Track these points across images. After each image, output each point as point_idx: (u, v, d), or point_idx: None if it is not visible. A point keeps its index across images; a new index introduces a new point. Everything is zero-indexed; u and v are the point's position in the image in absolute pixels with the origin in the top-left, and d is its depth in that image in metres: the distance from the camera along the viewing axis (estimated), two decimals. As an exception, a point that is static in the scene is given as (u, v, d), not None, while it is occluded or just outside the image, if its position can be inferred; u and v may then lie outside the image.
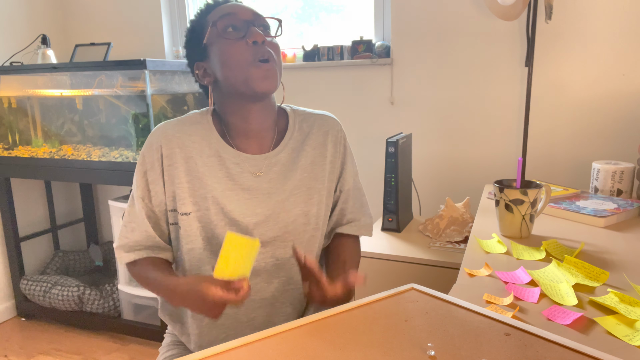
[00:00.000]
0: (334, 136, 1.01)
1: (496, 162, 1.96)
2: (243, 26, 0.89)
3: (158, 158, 0.92)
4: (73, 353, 2.14)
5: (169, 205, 0.93)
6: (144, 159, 0.93)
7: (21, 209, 2.49)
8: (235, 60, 0.88)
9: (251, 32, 0.88)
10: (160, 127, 0.94)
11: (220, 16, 0.90)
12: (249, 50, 0.87)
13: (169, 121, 0.96)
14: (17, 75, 2.27)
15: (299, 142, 0.98)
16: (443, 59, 1.96)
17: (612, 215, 1.19)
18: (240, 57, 0.87)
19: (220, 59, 0.89)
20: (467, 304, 0.73)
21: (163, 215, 0.95)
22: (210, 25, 0.91)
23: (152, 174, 0.92)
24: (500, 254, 1.01)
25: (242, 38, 0.88)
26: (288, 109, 1.03)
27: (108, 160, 2.04)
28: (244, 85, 0.88)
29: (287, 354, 0.62)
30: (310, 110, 1.04)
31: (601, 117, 1.78)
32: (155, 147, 0.92)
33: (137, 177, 0.94)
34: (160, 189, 0.92)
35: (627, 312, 0.73)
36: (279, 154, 0.96)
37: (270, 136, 0.97)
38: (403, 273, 1.48)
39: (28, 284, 2.34)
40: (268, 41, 0.90)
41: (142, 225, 0.94)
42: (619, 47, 1.71)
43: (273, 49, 0.90)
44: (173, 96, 2.21)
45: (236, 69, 0.88)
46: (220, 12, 0.91)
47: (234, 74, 0.88)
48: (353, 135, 2.17)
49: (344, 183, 1.02)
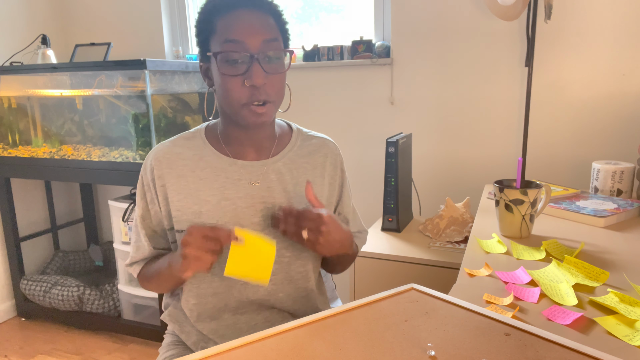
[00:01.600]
0: (333, 159, 1.01)
1: (496, 162, 1.96)
2: (246, 61, 0.83)
3: (152, 179, 0.93)
4: (73, 353, 2.14)
5: (167, 224, 0.94)
6: (141, 180, 0.96)
7: (21, 209, 2.49)
8: (229, 97, 0.85)
9: (251, 73, 0.82)
10: (154, 149, 0.96)
11: (225, 40, 0.83)
12: (245, 91, 0.84)
13: (163, 142, 0.97)
14: (17, 75, 2.27)
15: (298, 157, 0.98)
16: (443, 59, 1.96)
17: (612, 215, 1.19)
18: (235, 95, 0.84)
19: (217, 84, 0.87)
20: (467, 304, 0.73)
21: (164, 233, 0.97)
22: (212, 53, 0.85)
23: (149, 194, 0.95)
24: (500, 254, 1.01)
25: (241, 75, 0.83)
26: (294, 127, 1.03)
27: (108, 160, 2.04)
28: (237, 118, 0.88)
29: (287, 354, 0.62)
30: (313, 133, 1.04)
31: (601, 117, 1.78)
32: (149, 169, 0.94)
33: (137, 197, 0.97)
34: (157, 209, 0.94)
35: (627, 312, 0.73)
36: (276, 162, 0.96)
37: (268, 145, 0.97)
38: (403, 273, 1.48)
39: (28, 284, 2.34)
40: (271, 75, 0.85)
41: (145, 244, 0.97)
42: (619, 47, 1.71)
43: (275, 81, 0.86)
44: (173, 96, 2.21)
45: (229, 104, 0.86)
46: (227, 32, 0.83)
47: (227, 105, 0.87)
48: (353, 135, 2.17)
49: (344, 206, 1.04)
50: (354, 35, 2.14)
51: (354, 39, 2.09)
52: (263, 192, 0.93)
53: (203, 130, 0.98)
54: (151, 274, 0.97)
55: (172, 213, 0.92)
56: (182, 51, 2.48)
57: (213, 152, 0.94)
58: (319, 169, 0.99)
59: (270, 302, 0.95)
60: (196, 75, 2.27)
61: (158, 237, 0.97)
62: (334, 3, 2.24)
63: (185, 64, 2.17)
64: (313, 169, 0.98)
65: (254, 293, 0.93)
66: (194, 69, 2.21)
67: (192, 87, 2.28)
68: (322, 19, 2.29)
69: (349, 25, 2.23)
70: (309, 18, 2.32)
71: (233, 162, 0.93)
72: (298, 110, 2.24)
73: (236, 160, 0.94)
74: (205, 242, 0.78)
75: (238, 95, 0.84)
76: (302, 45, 2.19)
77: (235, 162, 0.93)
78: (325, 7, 2.27)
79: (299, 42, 2.31)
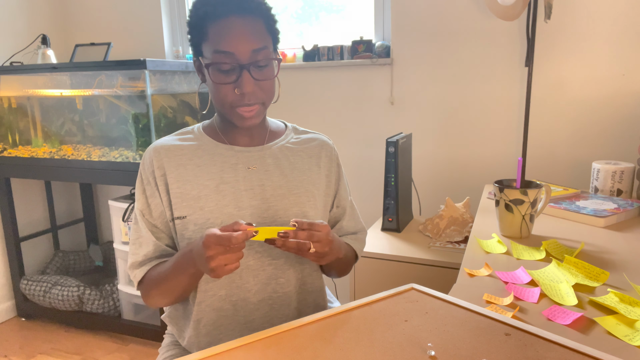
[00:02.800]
0: (328, 152, 1.04)
1: (496, 162, 1.96)
2: (236, 70, 0.87)
3: (151, 172, 0.94)
4: (73, 353, 2.14)
5: (169, 215, 0.94)
6: (140, 176, 0.97)
7: (21, 209, 2.49)
8: (220, 100, 0.89)
9: (241, 82, 0.86)
10: (151, 145, 0.98)
11: (215, 50, 0.86)
12: (235, 97, 0.88)
13: (161, 138, 1.00)
14: (17, 75, 2.27)
15: (294, 145, 1.02)
16: (443, 59, 1.96)
17: (612, 215, 1.19)
18: (225, 98, 0.88)
19: (209, 86, 0.92)
20: (467, 304, 0.73)
21: (165, 227, 0.96)
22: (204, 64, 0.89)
23: (149, 188, 0.95)
24: (500, 254, 1.01)
25: (232, 83, 0.87)
26: (290, 125, 1.07)
27: (108, 160, 2.04)
28: (228, 117, 0.92)
29: (287, 354, 0.62)
30: (308, 130, 1.08)
31: (601, 117, 1.78)
32: (148, 162, 0.95)
33: (137, 194, 0.97)
34: (158, 200, 0.94)
35: (627, 312, 0.73)
36: (272, 147, 0.99)
37: (262, 132, 1.00)
38: (403, 273, 1.48)
39: (28, 284, 2.34)
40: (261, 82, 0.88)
41: (148, 237, 0.95)
42: (619, 47, 1.71)
43: (264, 87, 0.90)
44: (173, 96, 2.21)
45: (221, 105, 0.90)
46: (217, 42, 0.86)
47: (219, 106, 0.92)
48: (353, 135, 2.17)
49: (341, 199, 1.05)
50: (354, 35, 2.14)
51: (354, 39, 2.09)
52: (261, 175, 0.95)
53: (200, 127, 1.02)
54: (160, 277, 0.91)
55: (171, 200, 0.92)
56: (182, 51, 2.48)
57: (210, 141, 0.98)
58: (314, 158, 1.02)
59: (269, 302, 0.95)
60: (196, 75, 2.27)
61: (159, 232, 0.96)
62: (334, 3, 2.24)
63: (185, 64, 2.17)
64: (309, 157, 1.01)
65: (252, 294, 0.93)
66: (193, 69, 2.20)
67: (192, 87, 2.28)
68: (322, 19, 2.29)
69: (349, 25, 2.23)
70: (309, 18, 2.32)
71: (230, 148, 0.97)
72: (298, 110, 2.24)
73: (232, 146, 0.97)
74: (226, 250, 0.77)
75: (228, 98, 0.89)
76: (302, 45, 2.19)
77: (232, 147, 0.97)
78: (325, 7, 2.27)
79: (299, 42, 2.31)
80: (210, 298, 0.93)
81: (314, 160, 1.01)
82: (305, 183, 0.98)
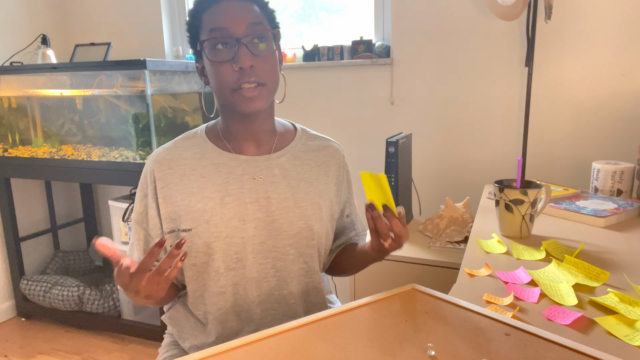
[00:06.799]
0: (338, 160, 1.02)
1: (496, 162, 1.96)
2: (232, 44, 0.84)
3: (152, 182, 0.93)
4: (73, 353, 2.14)
5: (168, 227, 0.91)
6: (141, 184, 0.95)
7: (21, 209, 2.49)
8: (220, 84, 0.86)
9: (238, 56, 0.83)
10: (153, 153, 0.96)
11: (210, 29, 0.85)
12: (234, 75, 0.84)
13: (163, 145, 0.97)
14: (17, 75, 2.27)
15: (302, 153, 0.98)
16: (443, 59, 1.96)
17: (612, 215, 1.19)
18: (224, 81, 0.85)
19: (209, 74, 0.89)
20: (467, 304, 0.73)
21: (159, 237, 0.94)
22: (199, 43, 0.87)
23: (147, 199, 0.94)
24: (500, 254, 1.01)
25: (229, 61, 0.84)
26: (299, 127, 1.03)
27: (108, 160, 2.04)
28: (231, 105, 0.88)
29: (287, 354, 0.62)
30: (318, 134, 1.05)
31: (601, 117, 1.78)
32: (149, 172, 0.93)
33: (136, 200, 0.96)
34: (155, 212, 0.92)
35: (627, 312, 0.73)
36: (280, 157, 0.95)
37: (269, 140, 0.96)
38: (403, 273, 1.48)
39: (28, 284, 2.34)
40: (260, 57, 0.85)
41: (138, 246, 0.95)
42: (619, 47, 1.71)
43: (264, 63, 0.86)
44: (173, 96, 2.21)
45: (222, 91, 0.87)
46: (212, 22, 0.85)
47: (220, 93, 0.88)
48: (353, 135, 2.17)
49: (352, 208, 1.05)
50: (354, 35, 2.14)
51: (354, 39, 2.09)
52: (267, 187, 0.92)
53: (203, 130, 0.98)
54: None
55: (176, 213, 0.90)
56: (182, 51, 2.48)
57: (214, 149, 0.94)
58: (323, 167, 0.98)
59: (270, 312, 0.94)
60: (196, 75, 2.27)
61: (153, 241, 0.94)
62: (334, 3, 2.24)
63: (185, 64, 2.17)
64: (317, 166, 0.98)
65: (253, 305, 0.92)
66: (193, 69, 2.21)
67: (192, 87, 2.28)
68: (322, 18, 2.29)
69: (349, 25, 2.23)
70: (309, 18, 2.32)
71: (235, 157, 0.93)
72: (298, 110, 2.24)
73: (238, 155, 0.94)
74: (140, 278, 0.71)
75: (228, 80, 0.85)
76: (302, 45, 2.19)
77: (237, 157, 0.93)
78: (325, 7, 2.27)
79: (299, 42, 2.31)
80: (217, 312, 0.92)
81: (322, 168, 0.98)
82: (312, 195, 0.94)
